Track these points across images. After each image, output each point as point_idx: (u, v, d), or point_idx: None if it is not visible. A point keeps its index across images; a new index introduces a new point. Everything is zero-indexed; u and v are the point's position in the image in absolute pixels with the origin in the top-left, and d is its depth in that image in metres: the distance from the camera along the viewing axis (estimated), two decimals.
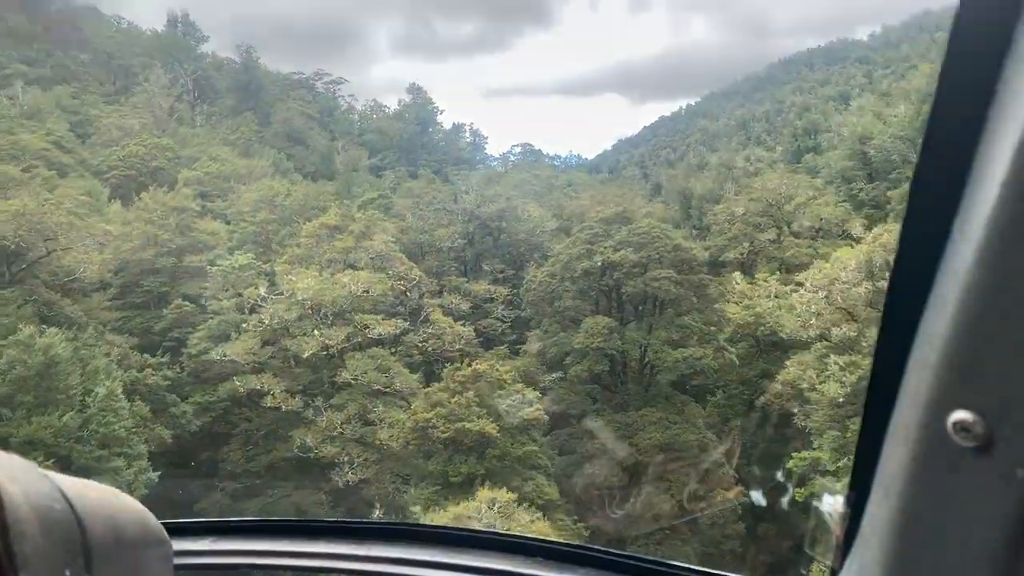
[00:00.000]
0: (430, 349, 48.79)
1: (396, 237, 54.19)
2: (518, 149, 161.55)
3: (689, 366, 46.54)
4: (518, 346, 54.80)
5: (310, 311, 42.96)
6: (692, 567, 2.29)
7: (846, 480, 1.50)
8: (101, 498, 1.17)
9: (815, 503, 1.62)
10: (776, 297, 57.36)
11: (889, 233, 40.20)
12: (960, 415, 1.04)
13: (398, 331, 44.44)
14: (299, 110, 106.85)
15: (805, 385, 39.43)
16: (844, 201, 73.75)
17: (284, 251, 49.64)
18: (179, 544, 1.59)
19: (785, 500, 42.75)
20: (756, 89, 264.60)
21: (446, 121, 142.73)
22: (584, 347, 45.83)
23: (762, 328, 55.14)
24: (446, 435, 37.98)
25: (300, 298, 42.84)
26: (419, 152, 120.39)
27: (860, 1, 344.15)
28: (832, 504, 1.54)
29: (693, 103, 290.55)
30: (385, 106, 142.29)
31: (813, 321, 40.50)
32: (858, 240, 63.67)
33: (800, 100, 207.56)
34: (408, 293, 48.00)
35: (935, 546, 1.18)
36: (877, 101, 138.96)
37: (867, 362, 40.77)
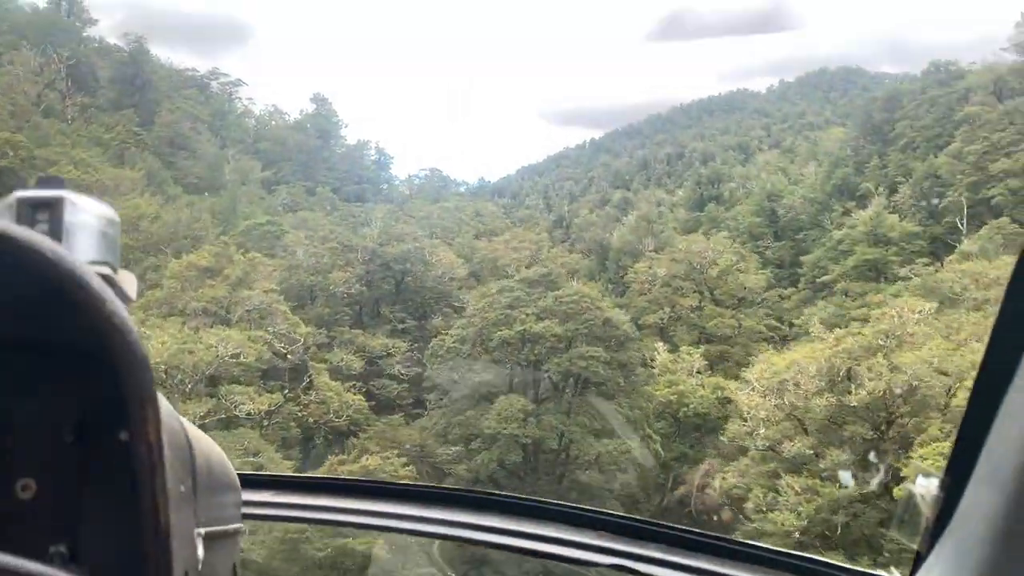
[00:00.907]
0: (312, 421, 40.38)
1: (282, 279, 45.64)
2: (425, 172, 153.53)
3: (612, 460, 39.81)
4: (417, 412, 47.07)
5: (164, 375, 33.92)
6: (771, 548, 2.09)
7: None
8: (200, 435, 1.18)
9: (907, 485, 1.54)
10: (698, 372, 51.76)
11: (853, 337, 34.66)
12: None
13: (273, 407, 35.97)
14: (188, 111, 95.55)
15: (751, 505, 33.20)
16: (763, 269, 69.39)
17: (142, 293, 40.23)
18: (244, 495, 1.48)
19: None
20: (658, 131, 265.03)
21: (350, 135, 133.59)
22: (495, 432, 38.46)
23: (684, 409, 49.41)
24: (323, 553, 29.75)
25: (153, 360, 33.72)
26: (319, 167, 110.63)
27: (758, 57, 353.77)
28: (926, 487, 1.47)
29: (597, 138, 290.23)
30: (285, 113, 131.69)
31: (762, 430, 34.41)
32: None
33: (702, 146, 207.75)
34: (290, 355, 39.49)
35: None
36: (781, 157, 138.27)
37: (827, 489, 36.10)
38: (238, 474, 1.48)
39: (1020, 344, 1.15)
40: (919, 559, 1.51)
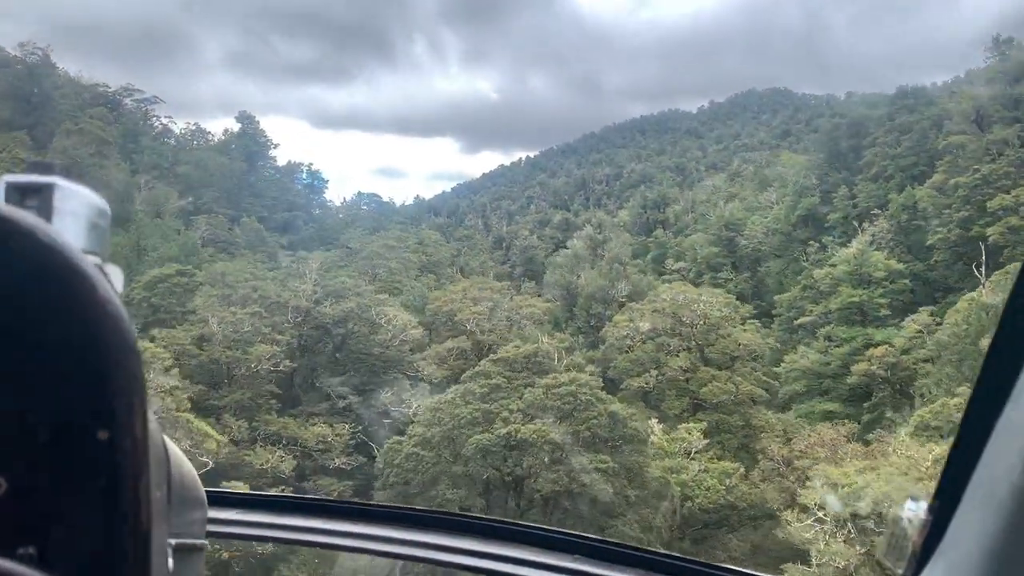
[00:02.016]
0: (225, 557, 29.47)
1: (189, 373, 34.69)
2: (363, 195, 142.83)
3: None
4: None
5: None
6: (740, 570, 2.11)
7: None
8: (172, 445, 1.13)
9: (894, 510, 1.49)
10: (698, 453, 42.50)
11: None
12: None
13: None
14: (93, 133, 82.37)
15: None
16: (754, 319, 60.75)
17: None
18: (210, 512, 1.43)
19: None
20: (593, 149, 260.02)
21: (280, 157, 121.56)
22: None
23: (689, 504, 40.14)
24: None
25: None
26: (244, 194, 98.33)
27: (686, 76, 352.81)
28: (914, 511, 1.42)
29: (532, 156, 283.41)
30: (209, 133, 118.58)
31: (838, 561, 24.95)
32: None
33: (640, 168, 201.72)
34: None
35: None
36: (730, 182, 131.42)
37: None
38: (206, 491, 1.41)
39: (1016, 366, 1.12)
40: None
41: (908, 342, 54.63)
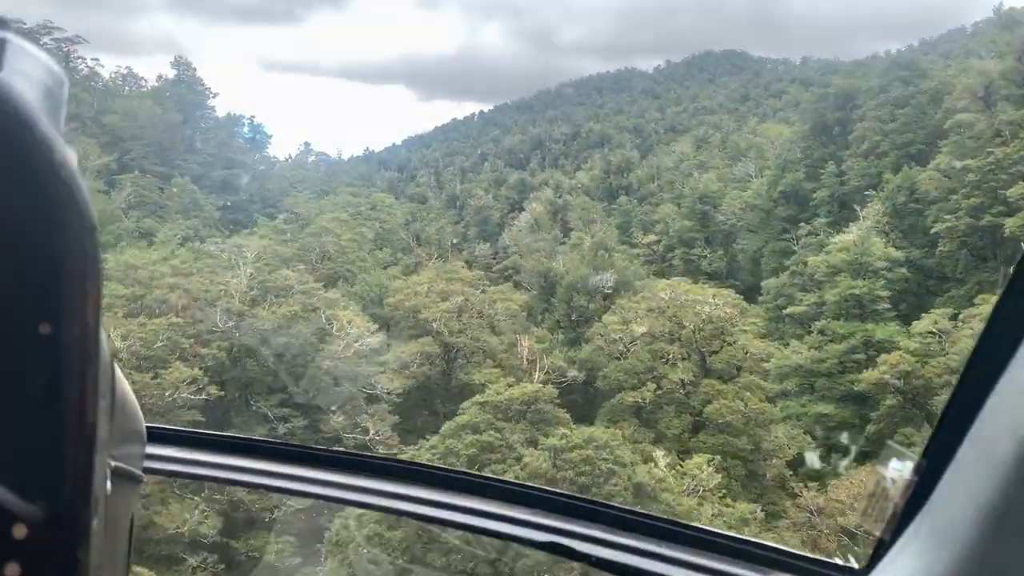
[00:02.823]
0: None
1: None
2: (305, 150, 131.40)
3: None
4: None
5: None
6: (712, 529, 1.96)
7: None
8: (116, 368, 1.01)
9: (878, 467, 1.42)
10: (708, 492, 35.20)
11: None
12: None
13: None
14: None
15: None
16: (773, 323, 53.32)
17: None
18: (150, 448, 1.36)
19: None
20: (548, 106, 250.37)
21: (220, 107, 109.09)
22: None
23: None
24: None
25: None
26: (178, 149, 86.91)
27: (642, 34, 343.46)
28: (899, 470, 1.36)
29: (486, 110, 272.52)
30: (142, 78, 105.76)
31: None
32: None
33: (598, 128, 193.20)
34: None
35: None
36: (695, 150, 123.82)
37: None
38: (148, 427, 1.31)
39: (1018, 331, 1.08)
40: (880, 547, 1.39)
41: (922, 346, 47.95)
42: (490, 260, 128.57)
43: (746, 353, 42.54)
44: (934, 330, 48.01)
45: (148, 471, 1.36)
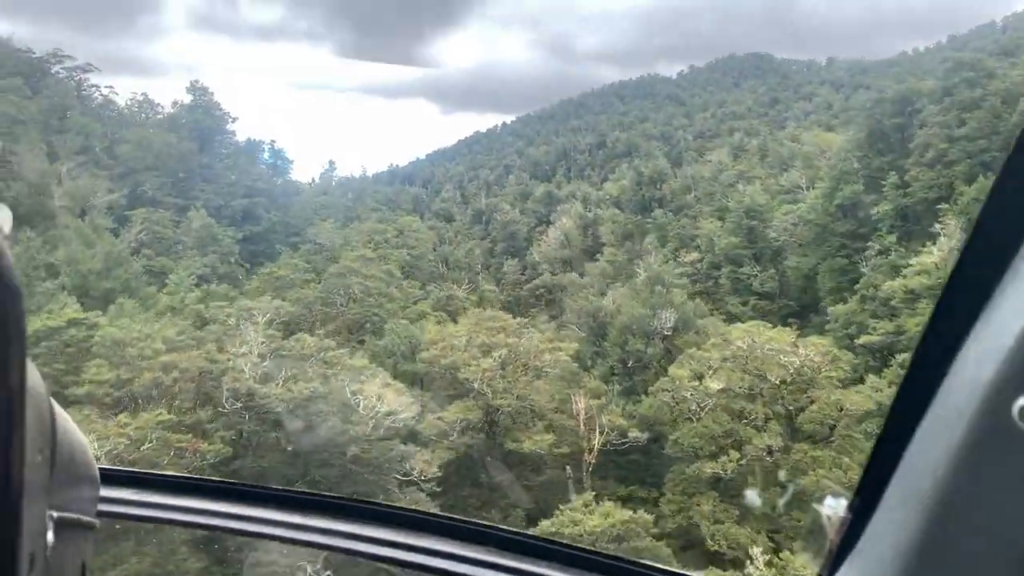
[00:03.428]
0: None
1: None
2: (333, 168, 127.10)
3: None
4: None
5: None
6: (658, 565, 2.01)
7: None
8: (62, 413, 1.03)
9: (815, 505, 1.47)
10: None
11: None
12: None
13: None
14: (6, 113, 65.16)
15: None
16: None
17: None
18: (102, 491, 1.32)
19: None
20: (572, 116, 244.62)
21: (240, 131, 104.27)
22: None
23: None
24: None
25: None
26: (195, 179, 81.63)
27: (661, 39, 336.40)
28: (834, 508, 1.40)
29: (508, 122, 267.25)
30: (159, 105, 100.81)
31: None
32: None
33: (624, 137, 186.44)
34: None
35: (970, 547, 1.06)
36: (733, 158, 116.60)
37: None
38: (99, 469, 1.26)
39: (943, 365, 1.10)
40: None
41: None
42: (519, 276, 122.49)
43: (840, 409, 35.72)
44: None
45: (103, 515, 1.28)
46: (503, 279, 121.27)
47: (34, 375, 0.78)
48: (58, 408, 0.93)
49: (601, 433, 37.06)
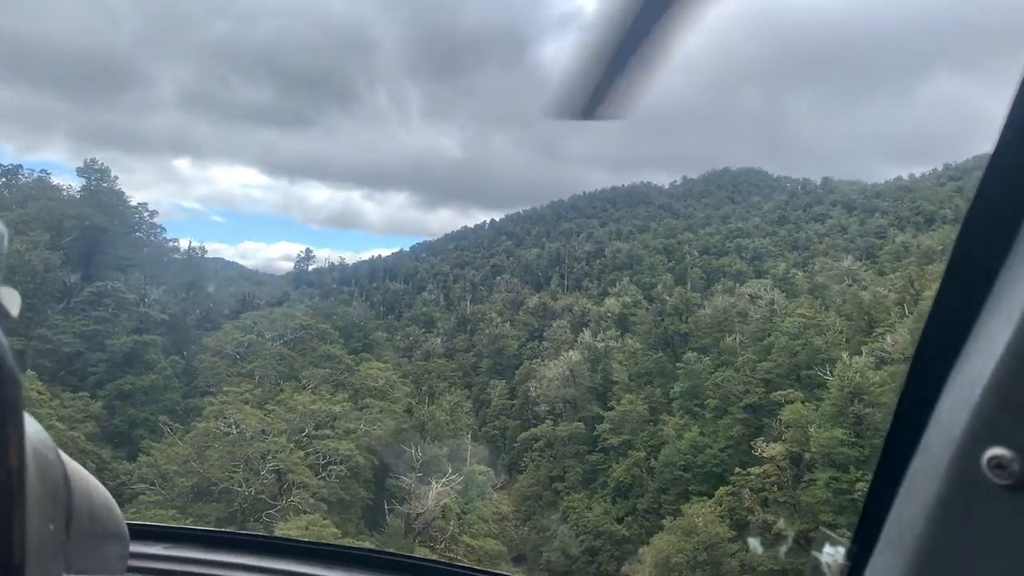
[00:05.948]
0: None
1: None
2: (311, 260, 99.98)
3: None
4: None
5: None
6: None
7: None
8: (84, 475, 1.01)
9: (814, 552, 1.44)
10: None
11: None
12: (996, 451, 0.94)
13: None
14: None
15: None
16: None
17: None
18: (133, 547, 1.29)
19: None
20: (562, 218, 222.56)
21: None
22: None
23: None
24: None
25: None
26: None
27: (649, 149, 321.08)
28: (832, 555, 1.37)
29: (497, 219, 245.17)
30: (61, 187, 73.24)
31: None
32: None
33: (626, 248, 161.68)
34: None
35: None
36: (787, 297, 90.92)
37: None
38: (128, 524, 1.22)
39: (923, 417, 1.09)
40: None
41: None
42: (507, 400, 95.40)
43: None
44: None
45: (134, 570, 1.25)
46: (488, 405, 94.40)
47: (42, 440, 0.76)
48: (77, 469, 0.90)
49: None
